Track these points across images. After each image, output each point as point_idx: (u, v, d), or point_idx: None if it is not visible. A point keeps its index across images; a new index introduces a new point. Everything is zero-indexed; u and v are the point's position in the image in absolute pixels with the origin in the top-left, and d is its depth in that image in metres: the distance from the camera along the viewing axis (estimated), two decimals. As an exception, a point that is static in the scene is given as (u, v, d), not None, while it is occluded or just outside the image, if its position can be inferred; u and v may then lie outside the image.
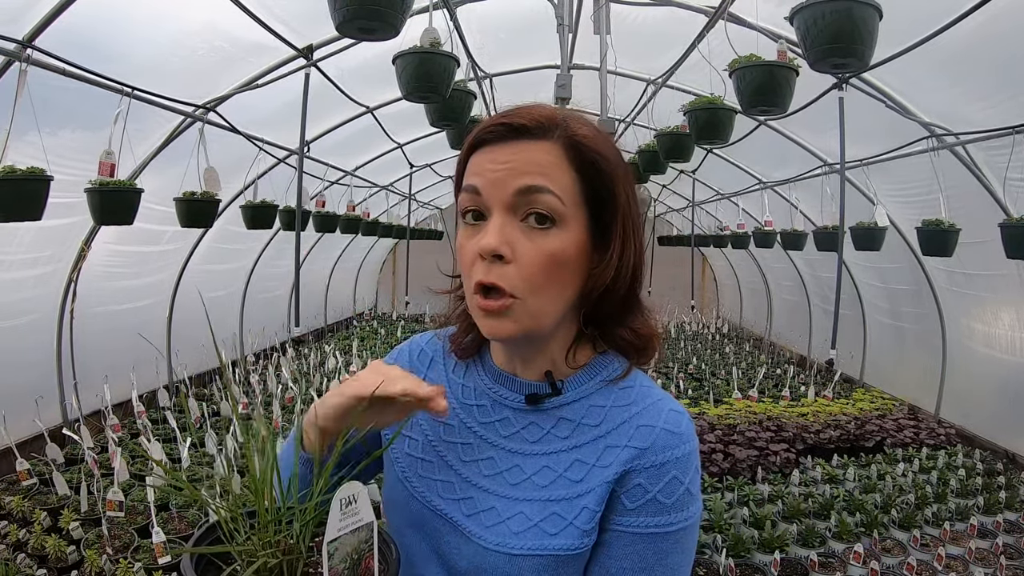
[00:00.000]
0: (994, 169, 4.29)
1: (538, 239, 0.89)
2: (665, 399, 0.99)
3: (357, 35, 2.35)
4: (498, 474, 0.99)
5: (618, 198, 0.92)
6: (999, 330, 5.44)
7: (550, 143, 0.90)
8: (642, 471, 0.91)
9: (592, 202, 0.92)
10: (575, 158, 0.90)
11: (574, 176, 0.90)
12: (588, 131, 0.92)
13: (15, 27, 3.04)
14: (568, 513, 0.92)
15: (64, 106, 3.72)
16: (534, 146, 0.89)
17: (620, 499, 0.91)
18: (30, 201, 3.01)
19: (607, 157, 0.92)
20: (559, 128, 0.90)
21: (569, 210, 0.90)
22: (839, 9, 2.24)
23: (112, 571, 3.22)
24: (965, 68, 3.85)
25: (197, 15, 3.66)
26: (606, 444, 0.94)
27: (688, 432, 0.95)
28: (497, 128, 0.91)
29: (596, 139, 0.92)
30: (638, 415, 0.95)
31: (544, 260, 0.89)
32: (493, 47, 4.94)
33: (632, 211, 0.95)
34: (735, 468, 4.76)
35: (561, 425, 0.98)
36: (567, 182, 0.90)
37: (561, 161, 0.90)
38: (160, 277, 6.18)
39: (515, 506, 0.95)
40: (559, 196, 0.89)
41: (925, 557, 3.61)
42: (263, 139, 5.19)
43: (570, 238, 0.90)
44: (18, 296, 4.60)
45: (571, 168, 0.90)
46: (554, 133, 0.90)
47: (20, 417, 4.42)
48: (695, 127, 3.82)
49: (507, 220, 0.89)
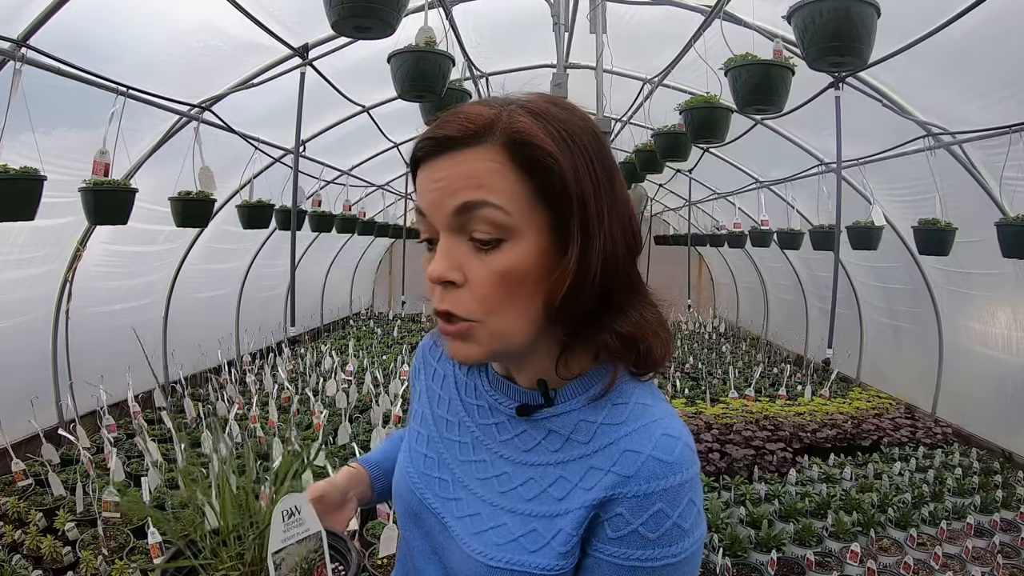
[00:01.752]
0: (991, 168, 4.29)
1: (488, 258, 0.81)
2: (660, 421, 0.88)
3: (353, 33, 2.34)
4: (488, 479, 0.96)
5: (569, 188, 0.81)
6: (996, 329, 5.44)
7: (487, 147, 0.81)
8: (624, 500, 0.83)
9: (550, 200, 0.82)
10: (517, 157, 0.80)
11: (520, 178, 0.81)
12: (531, 121, 0.81)
13: (9, 26, 3.03)
14: (547, 532, 0.87)
15: (59, 105, 3.70)
16: (469, 156, 0.81)
17: (603, 525, 0.84)
18: (23, 201, 2.99)
19: (554, 147, 0.81)
20: (497, 128, 0.81)
21: (520, 218, 0.81)
22: (838, 7, 2.23)
23: (108, 572, 3.21)
24: (962, 67, 3.85)
25: (193, 14, 3.65)
26: (591, 464, 0.87)
27: (682, 461, 0.84)
28: (427, 143, 0.84)
29: (542, 128, 0.81)
30: (626, 437, 0.86)
31: (496, 281, 0.82)
32: (489, 46, 4.94)
33: (598, 197, 0.83)
34: (732, 467, 4.76)
35: (552, 437, 0.92)
36: (512, 187, 0.80)
37: (502, 165, 0.80)
38: (156, 277, 6.16)
39: (500, 516, 0.92)
40: (502, 207, 0.80)
41: (922, 556, 3.61)
42: (259, 138, 5.18)
43: (525, 249, 0.82)
44: (13, 296, 4.58)
45: (515, 170, 0.80)
46: (491, 135, 0.81)
47: (16, 418, 4.41)
48: (691, 126, 3.81)
49: (454, 242, 0.83)
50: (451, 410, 1.06)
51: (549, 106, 0.85)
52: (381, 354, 8.73)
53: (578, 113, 0.87)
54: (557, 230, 0.83)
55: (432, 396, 1.11)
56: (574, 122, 0.84)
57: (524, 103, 0.85)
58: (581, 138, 0.83)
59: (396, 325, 10.87)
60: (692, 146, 4.58)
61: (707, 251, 12.88)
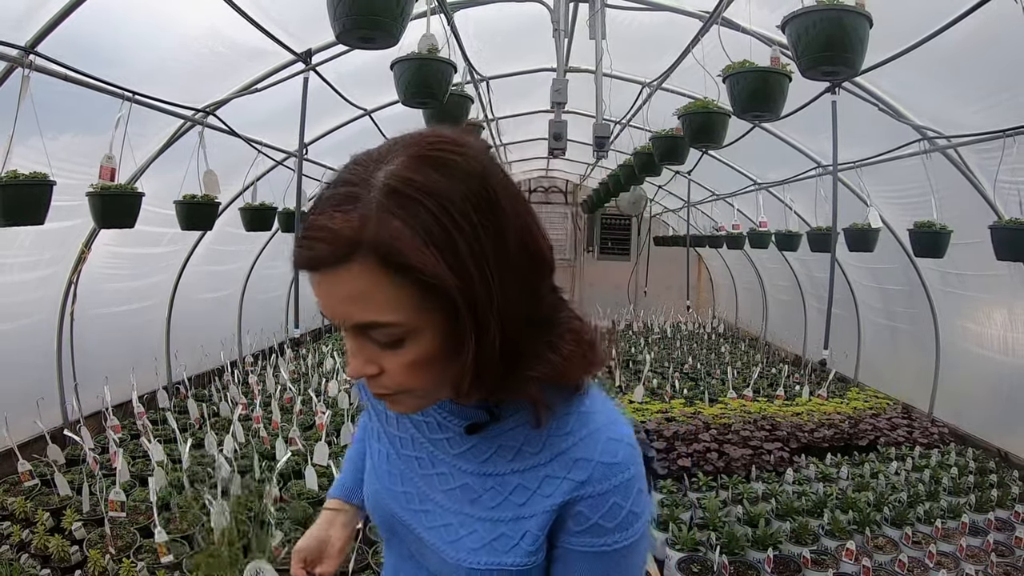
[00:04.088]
0: (986, 171, 4.34)
1: (395, 353, 0.84)
2: (604, 427, 0.95)
3: (357, 44, 2.39)
4: (452, 490, 1.01)
5: (450, 290, 0.79)
6: (992, 330, 5.49)
7: (359, 265, 0.78)
8: (582, 500, 0.92)
9: (436, 299, 0.80)
10: (391, 270, 0.78)
11: (401, 288, 0.79)
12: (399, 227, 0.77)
13: (18, 33, 3.08)
14: (515, 534, 0.94)
15: (65, 110, 3.75)
16: (344, 276, 0.79)
17: (567, 522, 0.93)
18: (33, 206, 3.05)
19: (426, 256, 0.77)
20: (363, 243, 0.77)
21: (411, 322, 0.81)
22: (830, 18, 2.28)
23: (115, 571, 3.26)
24: (957, 72, 3.91)
25: (199, 21, 3.69)
26: (546, 473, 0.94)
27: (627, 459, 0.93)
28: (300, 259, 0.81)
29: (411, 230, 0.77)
30: (575, 446, 0.93)
31: (408, 370, 0.85)
32: (489, 51, 4.99)
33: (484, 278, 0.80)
34: (729, 467, 4.81)
35: (503, 450, 0.97)
36: (395, 299, 0.79)
37: (379, 281, 0.78)
38: (159, 279, 6.20)
39: (471, 523, 0.98)
40: (390, 322, 0.81)
41: (917, 554, 3.66)
42: (262, 141, 5.22)
43: (427, 341, 0.83)
44: (19, 298, 4.63)
45: (393, 282, 0.78)
46: (360, 251, 0.77)
47: (21, 418, 4.45)
48: (689, 130, 3.86)
49: (360, 342, 0.85)
50: (401, 427, 1.11)
51: (423, 175, 0.79)
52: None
53: (458, 163, 0.82)
54: (453, 317, 0.82)
55: (380, 414, 1.17)
56: (452, 188, 0.79)
57: (394, 185, 0.78)
58: (460, 206, 0.79)
59: (397, 326, 10.88)
60: (690, 150, 4.62)
61: (706, 252, 12.92)
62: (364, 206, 0.77)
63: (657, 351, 9.41)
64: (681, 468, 4.73)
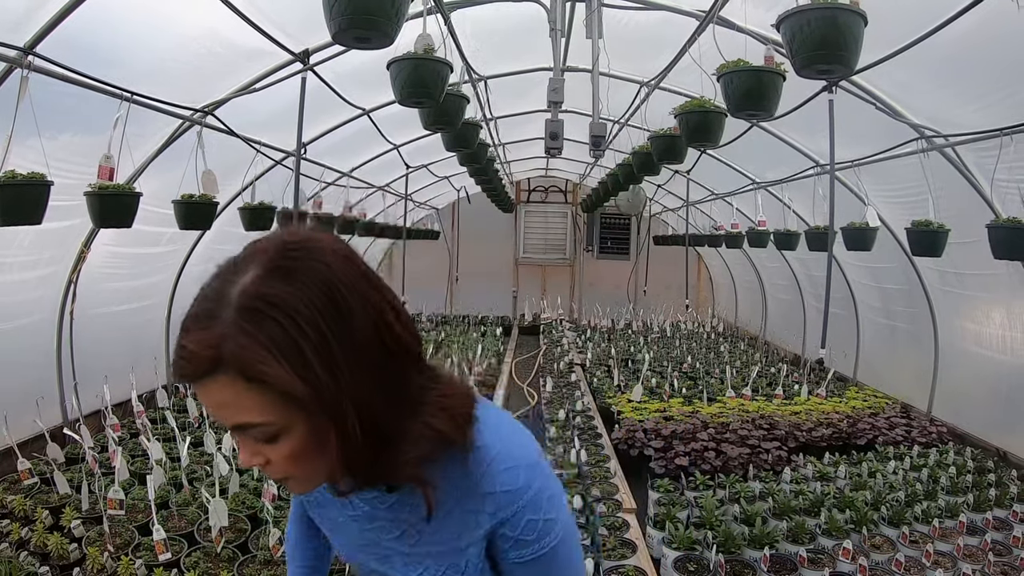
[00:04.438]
0: (983, 170, 4.34)
1: (275, 447, 0.91)
2: (498, 459, 1.04)
3: (353, 44, 2.40)
4: (397, 537, 1.13)
5: (302, 397, 0.86)
6: (990, 329, 5.50)
7: (224, 378, 0.85)
8: (502, 525, 1.05)
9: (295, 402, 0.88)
10: (250, 381, 0.85)
11: (262, 394, 0.86)
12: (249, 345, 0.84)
13: (16, 34, 3.08)
14: (461, 562, 1.09)
15: (64, 110, 3.75)
16: (213, 387, 0.87)
17: (497, 542, 1.08)
18: (31, 206, 3.06)
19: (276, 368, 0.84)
20: (223, 361, 0.85)
21: (280, 419, 0.88)
22: (824, 16, 2.28)
23: (114, 568, 3.27)
24: (954, 71, 3.91)
25: (197, 21, 3.69)
26: (465, 510, 1.06)
27: (527, 481, 1.05)
28: (175, 374, 0.90)
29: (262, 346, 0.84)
30: (479, 482, 1.04)
31: (288, 461, 0.93)
32: (487, 51, 4.99)
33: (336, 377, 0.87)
34: (727, 466, 4.82)
35: (422, 499, 1.04)
36: (260, 403, 0.87)
37: (243, 390, 0.86)
38: (159, 278, 6.22)
39: (422, 560, 1.11)
40: (261, 423, 0.88)
41: (914, 553, 3.66)
42: (260, 141, 5.24)
43: (298, 436, 0.91)
44: (19, 298, 4.65)
45: (255, 390, 0.86)
46: (223, 368, 0.85)
47: (21, 417, 4.47)
48: (686, 129, 3.87)
49: (244, 439, 0.93)
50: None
51: (272, 288, 0.86)
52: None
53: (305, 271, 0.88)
54: (315, 416, 0.89)
55: None
56: (298, 299, 0.86)
57: (245, 303, 0.85)
58: (306, 315, 0.86)
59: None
60: (688, 149, 4.63)
61: (706, 251, 12.93)
62: (220, 325, 0.85)
63: (656, 350, 9.42)
64: (679, 467, 4.74)
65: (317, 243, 0.92)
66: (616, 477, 4.66)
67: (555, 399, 6.76)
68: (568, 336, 10.63)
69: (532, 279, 14.07)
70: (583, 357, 9.07)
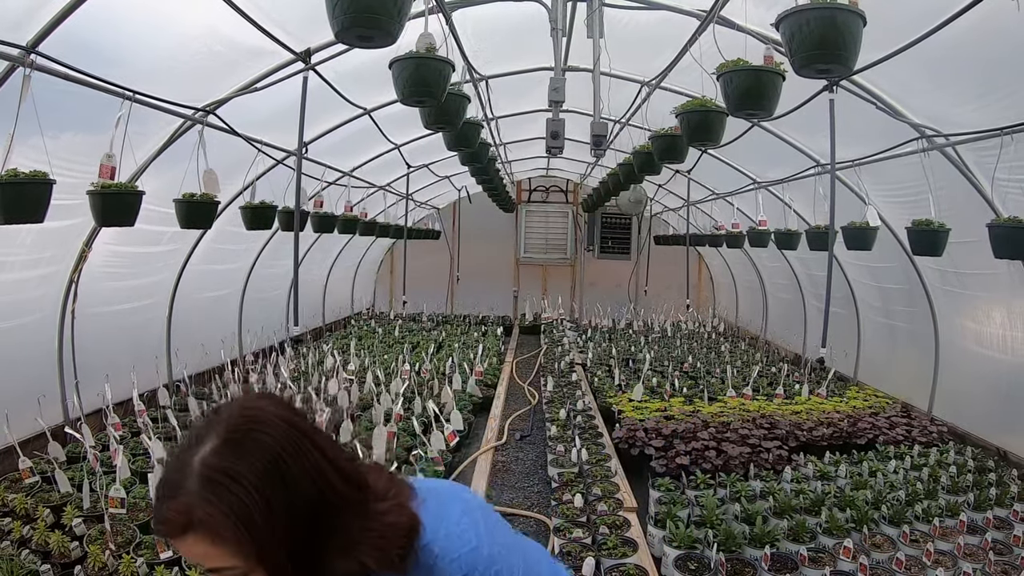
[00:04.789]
0: (984, 170, 4.35)
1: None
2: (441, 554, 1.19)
3: (355, 43, 2.41)
4: None
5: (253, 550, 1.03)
6: (991, 328, 5.51)
7: (192, 537, 1.03)
8: None
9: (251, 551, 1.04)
10: (215, 539, 1.02)
11: (226, 546, 1.03)
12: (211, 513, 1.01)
13: (18, 33, 3.09)
14: None
15: (65, 109, 3.77)
16: (185, 543, 1.04)
17: None
18: (33, 204, 3.07)
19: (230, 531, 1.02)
20: (192, 527, 1.02)
21: (243, 563, 1.05)
22: (823, 16, 2.30)
23: (115, 566, 3.28)
24: (954, 71, 3.92)
25: (198, 20, 3.71)
26: None
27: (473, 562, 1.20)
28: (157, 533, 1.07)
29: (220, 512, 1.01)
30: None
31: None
32: (489, 50, 5.00)
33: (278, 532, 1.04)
34: (728, 465, 4.83)
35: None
36: (224, 552, 1.04)
37: (209, 546, 1.03)
38: (160, 277, 6.23)
39: None
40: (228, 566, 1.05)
41: (914, 553, 3.67)
42: (262, 141, 5.25)
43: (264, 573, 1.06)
44: (20, 297, 4.67)
45: (220, 544, 1.03)
46: (189, 531, 1.03)
47: (22, 416, 4.48)
48: (687, 129, 3.87)
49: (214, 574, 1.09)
50: None
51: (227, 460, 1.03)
52: (383, 353, 8.80)
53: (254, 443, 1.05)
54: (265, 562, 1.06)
55: None
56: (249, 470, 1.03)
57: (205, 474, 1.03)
58: (256, 483, 1.03)
59: (397, 325, 10.95)
60: (688, 148, 4.64)
61: (707, 251, 12.95)
62: (186, 495, 1.03)
63: (657, 350, 9.44)
64: (679, 466, 4.75)
65: (265, 415, 1.09)
66: (617, 476, 4.67)
67: (556, 398, 6.78)
68: (569, 336, 10.64)
69: (533, 279, 14.10)
70: (584, 357, 9.08)
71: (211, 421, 1.10)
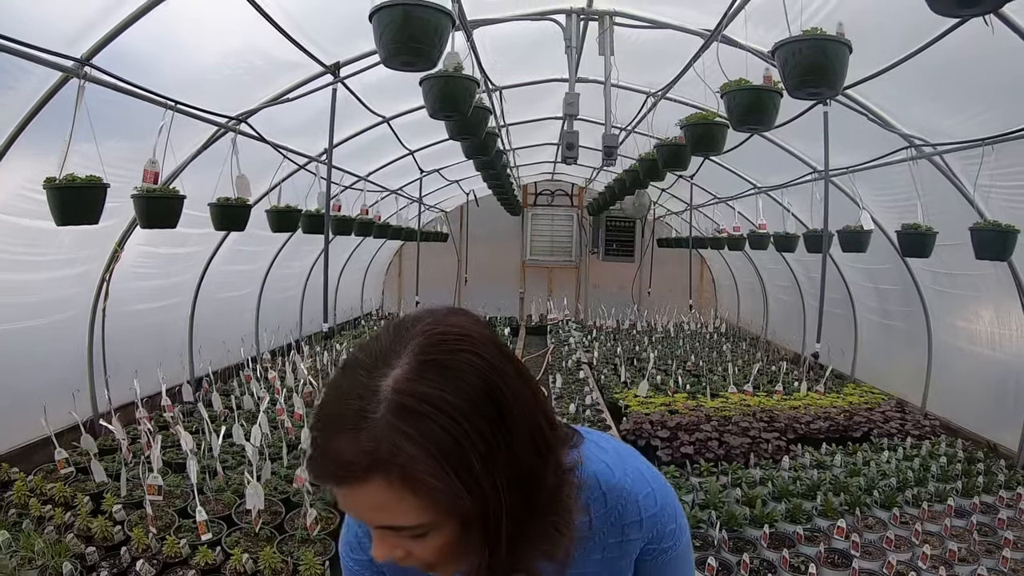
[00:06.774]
0: (970, 177, 4.59)
1: (421, 542, 0.88)
2: (630, 489, 1.14)
3: (400, 68, 2.66)
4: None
5: (462, 504, 0.82)
6: (980, 327, 5.74)
7: (376, 483, 0.80)
8: (650, 542, 1.17)
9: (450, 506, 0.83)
10: (407, 487, 0.80)
11: (418, 499, 0.82)
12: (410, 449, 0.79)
13: (74, 47, 3.35)
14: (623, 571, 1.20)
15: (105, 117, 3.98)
16: (363, 490, 0.81)
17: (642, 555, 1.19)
18: (89, 207, 3.33)
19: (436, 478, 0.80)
20: (379, 466, 0.79)
21: (431, 522, 0.84)
22: (814, 45, 2.60)
23: (159, 547, 3.51)
24: (941, 86, 4.18)
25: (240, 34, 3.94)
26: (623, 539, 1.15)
27: (661, 500, 1.16)
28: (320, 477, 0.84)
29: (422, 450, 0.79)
30: (621, 514, 1.14)
31: (435, 555, 0.89)
32: (504, 63, 5.24)
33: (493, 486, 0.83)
34: (729, 454, 5.07)
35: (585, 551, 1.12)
36: (414, 508, 0.82)
37: (397, 494, 0.81)
38: (184, 277, 6.47)
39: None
40: (413, 525, 0.85)
41: (904, 533, 3.91)
42: (286, 147, 5.49)
43: (448, 534, 0.87)
44: (56, 295, 4.90)
45: (410, 495, 0.81)
46: (374, 472, 0.80)
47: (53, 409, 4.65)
48: (691, 140, 4.12)
49: (386, 533, 0.88)
50: None
51: (431, 386, 0.81)
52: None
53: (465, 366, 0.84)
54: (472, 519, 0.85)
55: None
56: (463, 400, 0.81)
57: (402, 402, 0.80)
58: (474, 422, 0.81)
59: (406, 325, 11.09)
60: (692, 157, 4.88)
61: (709, 253, 13.14)
62: (375, 427, 0.79)
63: (660, 349, 9.66)
64: (684, 455, 4.99)
65: (473, 332, 0.88)
66: (624, 465, 4.89)
67: (565, 394, 7.01)
68: (575, 336, 10.86)
69: (539, 280, 14.32)
70: (590, 356, 9.30)
71: (400, 335, 0.86)
